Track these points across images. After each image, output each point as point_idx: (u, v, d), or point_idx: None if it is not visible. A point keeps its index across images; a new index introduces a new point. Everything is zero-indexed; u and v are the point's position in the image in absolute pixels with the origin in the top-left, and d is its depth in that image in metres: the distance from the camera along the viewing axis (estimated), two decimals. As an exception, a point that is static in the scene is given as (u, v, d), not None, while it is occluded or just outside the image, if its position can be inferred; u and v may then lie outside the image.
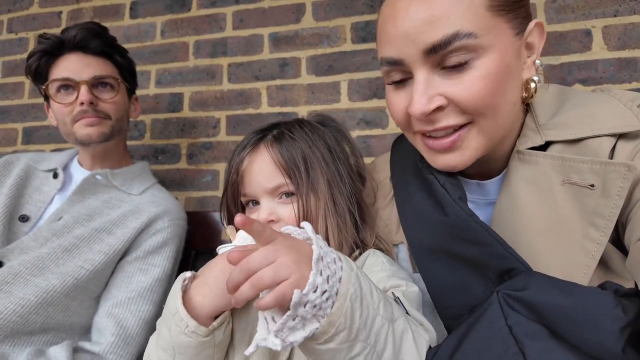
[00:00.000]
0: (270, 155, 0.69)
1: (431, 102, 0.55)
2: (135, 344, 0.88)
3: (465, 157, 0.58)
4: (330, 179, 0.70)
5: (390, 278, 0.63)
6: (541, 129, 0.60)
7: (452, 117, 0.56)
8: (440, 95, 0.55)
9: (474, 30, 0.52)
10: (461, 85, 0.54)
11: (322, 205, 0.68)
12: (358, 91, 1.24)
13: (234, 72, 1.34)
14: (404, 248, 0.72)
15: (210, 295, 0.56)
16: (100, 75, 1.00)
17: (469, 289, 0.55)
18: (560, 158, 0.56)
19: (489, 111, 0.55)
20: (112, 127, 1.03)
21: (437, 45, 0.52)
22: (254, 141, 0.72)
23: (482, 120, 0.56)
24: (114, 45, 1.07)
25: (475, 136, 0.57)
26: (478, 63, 0.53)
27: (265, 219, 0.68)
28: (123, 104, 1.07)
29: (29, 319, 0.82)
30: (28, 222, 0.98)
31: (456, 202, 0.57)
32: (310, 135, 0.73)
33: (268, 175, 0.69)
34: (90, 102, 0.98)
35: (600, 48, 1.09)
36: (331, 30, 1.28)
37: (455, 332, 0.49)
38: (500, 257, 0.52)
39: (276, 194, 0.69)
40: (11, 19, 1.59)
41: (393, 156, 0.79)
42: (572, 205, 0.55)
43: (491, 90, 0.53)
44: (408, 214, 0.68)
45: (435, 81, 0.55)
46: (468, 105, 0.54)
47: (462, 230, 0.55)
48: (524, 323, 0.44)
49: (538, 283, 0.46)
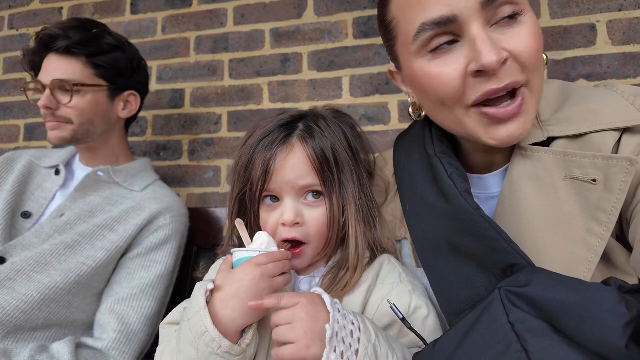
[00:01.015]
0: (306, 152, 0.66)
1: (501, 53, 0.51)
2: (137, 340, 0.89)
3: (527, 124, 0.56)
4: (356, 182, 0.68)
5: (412, 294, 0.63)
6: (543, 125, 0.60)
7: (515, 74, 0.53)
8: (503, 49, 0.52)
9: None
10: (518, 39, 0.52)
11: (352, 209, 0.66)
12: (360, 87, 1.23)
13: (235, 68, 1.34)
14: (407, 244, 0.72)
15: (242, 308, 0.54)
16: (58, 79, 0.94)
17: (472, 284, 0.55)
18: (563, 153, 0.56)
19: (540, 68, 0.55)
20: (74, 132, 0.98)
21: None
22: (283, 136, 0.67)
23: (535, 79, 0.55)
24: (88, 42, 0.96)
25: (530, 98, 0.55)
26: (525, 19, 0.53)
27: (292, 221, 0.65)
28: (91, 107, 0.98)
29: (31, 315, 0.83)
30: (30, 218, 0.98)
31: (462, 195, 0.56)
32: (336, 133, 0.69)
33: (301, 173, 0.65)
34: (47, 107, 0.94)
35: (605, 43, 1.07)
36: (333, 26, 1.27)
37: (456, 328, 0.49)
38: (503, 252, 0.52)
39: (302, 194, 0.66)
40: (12, 15, 1.58)
41: (396, 152, 0.78)
42: (575, 201, 0.55)
43: (539, 47, 0.54)
44: (413, 208, 0.67)
45: (492, 37, 0.52)
46: (528, 59, 0.53)
47: (467, 223, 0.55)
48: (526, 320, 0.43)
49: (540, 279, 0.46)
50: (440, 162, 0.62)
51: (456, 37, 0.54)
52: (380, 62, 1.22)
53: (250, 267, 0.57)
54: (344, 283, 0.64)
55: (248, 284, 0.56)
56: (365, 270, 0.67)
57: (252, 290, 0.55)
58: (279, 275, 0.60)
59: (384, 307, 0.62)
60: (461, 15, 0.52)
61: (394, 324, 0.62)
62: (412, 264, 0.71)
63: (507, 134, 0.55)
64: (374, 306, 0.64)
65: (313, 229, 0.66)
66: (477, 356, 0.44)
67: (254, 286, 0.56)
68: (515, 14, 0.52)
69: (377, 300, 0.64)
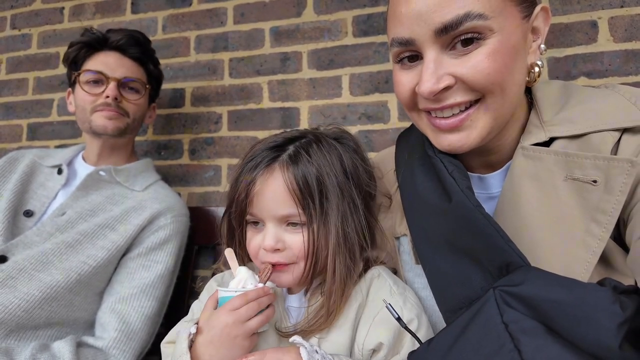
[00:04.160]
0: (285, 181, 0.63)
1: (440, 82, 0.56)
2: (137, 339, 0.90)
3: (472, 137, 0.59)
4: (344, 210, 0.66)
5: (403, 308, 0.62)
6: (545, 125, 0.60)
7: (460, 95, 0.57)
8: (449, 74, 0.56)
9: (484, 12, 0.53)
10: (469, 64, 0.55)
11: (332, 240, 0.64)
12: (359, 85, 1.23)
13: (235, 67, 1.34)
14: (406, 240, 0.72)
15: (218, 355, 0.58)
16: (130, 77, 1.08)
17: (469, 282, 0.55)
18: (564, 154, 0.56)
19: (496, 88, 0.55)
20: (128, 125, 1.08)
21: (449, 25, 0.53)
22: (267, 160, 0.66)
23: (490, 97, 0.56)
24: (150, 56, 1.16)
25: (482, 114, 0.58)
26: (486, 42, 0.54)
27: (271, 247, 0.64)
28: (143, 107, 1.14)
29: (33, 314, 0.84)
30: (32, 217, 0.99)
31: (463, 192, 0.57)
32: (328, 158, 0.67)
33: (280, 203, 0.64)
34: (115, 98, 1.04)
35: (606, 40, 1.06)
36: (332, 24, 1.27)
37: (451, 327, 0.49)
38: (500, 249, 0.52)
39: (284, 221, 0.65)
40: (14, 15, 1.59)
41: (398, 149, 0.78)
42: (575, 201, 0.55)
43: (498, 68, 0.54)
44: (413, 205, 0.68)
45: (444, 61, 0.56)
46: (476, 83, 0.55)
47: (466, 220, 0.55)
48: (519, 320, 0.43)
49: (535, 278, 0.46)
50: (441, 162, 0.62)
51: (418, 54, 0.59)
52: (379, 61, 1.22)
53: (224, 313, 0.59)
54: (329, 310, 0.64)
55: (220, 332, 0.58)
56: (355, 285, 0.67)
57: (224, 339, 0.58)
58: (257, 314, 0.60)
59: (373, 330, 0.62)
60: (418, 40, 0.56)
61: (381, 347, 0.62)
62: (411, 261, 0.71)
63: (447, 143, 0.61)
64: (365, 327, 0.63)
65: (296, 251, 0.65)
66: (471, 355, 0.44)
67: (226, 335, 0.58)
68: (473, 43, 0.54)
69: (368, 320, 0.64)
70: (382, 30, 1.23)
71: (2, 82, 1.57)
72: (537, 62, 0.60)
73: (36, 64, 1.54)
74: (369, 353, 0.62)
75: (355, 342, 0.63)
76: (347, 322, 0.64)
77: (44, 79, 1.52)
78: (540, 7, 0.59)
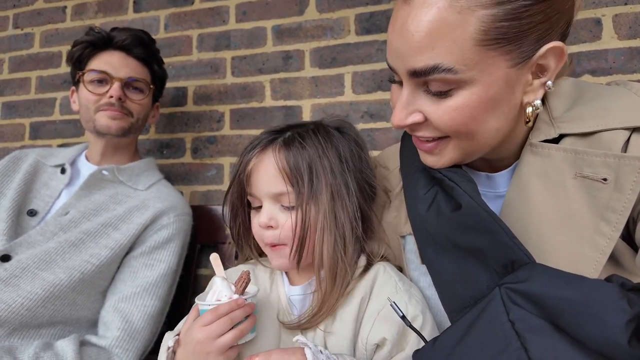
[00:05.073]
0: (275, 161, 0.67)
1: (408, 117, 0.58)
2: (140, 338, 0.89)
3: (443, 161, 0.61)
4: (335, 191, 0.68)
5: (408, 305, 0.62)
6: (555, 122, 0.59)
7: (429, 131, 0.59)
8: (420, 112, 0.57)
9: (454, 66, 0.51)
10: (438, 110, 0.55)
11: (320, 218, 0.66)
12: (362, 84, 1.22)
13: (237, 66, 1.34)
14: (411, 239, 0.71)
15: None
16: (135, 77, 1.07)
17: (474, 280, 0.55)
18: (573, 151, 0.55)
19: (462, 136, 0.57)
20: (132, 125, 1.08)
21: (418, 72, 0.54)
22: (264, 143, 0.70)
23: (457, 139, 0.58)
24: (154, 56, 1.15)
25: (451, 149, 0.60)
26: (457, 93, 0.54)
27: (265, 224, 0.67)
28: (147, 107, 1.13)
29: (36, 313, 0.84)
30: (36, 216, 0.99)
31: (467, 193, 0.57)
32: (323, 143, 0.70)
33: (271, 180, 0.67)
34: (119, 98, 1.03)
35: (611, 37, 1.05)
36: (335, 22, 1.26)
37: (456, 326, 0.49)
38: (505, 247, 0.51)
39: (278, 200, 0.68)
40: (17, 14, 1.59)
41: (403, 148, 0.78)
42: (584, 199, 0.54)
43: (464, 121, 0.55)
44: (416, 206, 0.67)
45: (418, 97, 0.57)
46: (441, 128, 0.56)
47: (471, 218, 0.55)
48: (526, 318, 0.43)
49: (541, 275, 0.46)
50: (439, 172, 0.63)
51: None
52: (382, 59, 1.21)
53: (196, 328, 0.59)
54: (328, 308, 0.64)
55: (193, 349, 0.59)
56: (360, 280, 0.67)
57: (197, 355, 0.58)
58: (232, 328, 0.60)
59: (378, 325, 0.62)
60: (398, 71, 0.58)
61: (385, 342, 0.61)
62: (416, 260, 0.71)
63: (425, 161, 0.64)
64: (369, 322, 0.63)
65: (287, 231, 0.66)
66: (477, 354, 0.44)
67: (198, 351, 0.58)
68: (444, 91, 0.54)
69: (372, 315, 0.64)
70: (385, 28, 1.21)
71: (5, 82, 1.57)
72: (534, 102, 0.57)
73: (38, 63, 1.54)
74: (372, 348, 0.62)
75: (359, 336, 0.63)
76: (350, 316, 0.64)
77: (47, 78, 1.52)
78: (549, 46, 0.53)
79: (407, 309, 0.61)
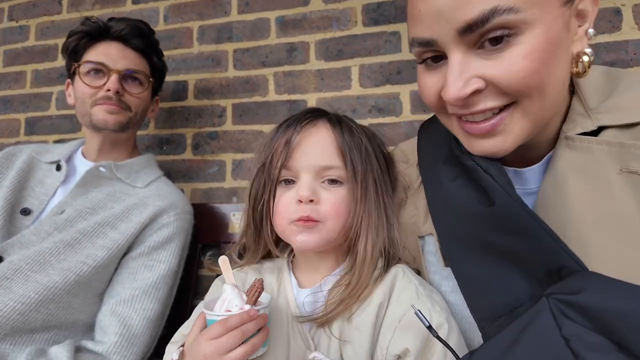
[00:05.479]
0: (332, 134, 0.65)
1: (467, 86, 0.50)
2: (139, 344, 0.86)
3: (508, 142, 0.53)
4: (380, 179, 0.67)
5: (432, 312, 0.58)
6: (592, 113, 0.54)
7: (492, 100, 0.51)
8: (478, 77, 0.50)
9: (514, 5, 0.46)
10: (501, 66, 0.48)
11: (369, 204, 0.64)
12: (370, 77, 1.18)
13: (239, 58, 1.30)
14: (432, 240, 0.67)
15: None
16: (133, 69, 1.04)
17: (509, 287, 0.50)
18: (619, 144, 0.51)
19: (534, 92, 0.50)
20: (130, 119, 1.04)
21: (474, 24, 0.47)
22: (311, 117, 0.68)
23: (527, 101, 0.50)
24: (154, 47, 1.12)
25: (519, 119, 0.52)
26: (520, 40, 0.48)
27: (307, 197, 0.62)
28: (146, 101, 1.09)
29: (29, 317, 0.80)
30: (30, 215, 0.96)
31: (503, 188, 0.52)
32: (367, 133, 0.71)
33: (323, 153, 0.64)
34: (116, 92, 1.00)
35: (631, 28, 1.02)
36: (341, 13, 1.22)
37: (496, 341, 0.44)
38: (550, 252, 0.47)
39: (321, 176, 0.65)
40: (12, 6, 1.56)
41: (420, 142, 0.74)
42: (631, 197, 0.49)
43: (536, 69, 0.48)
44: (439, 203, 0.63)
45: (471, 62, 0.50)
46: (510, 86, 0.49)
47: (508, 219, 0.50)
48: (583, 334, 0.38)
49: (597, 285, 0.41)
50: (472, 160, 0.57)
51: (442, 53, 0.53)
52: (391, 51, 1.17)
53: (203, 341, 0.55)
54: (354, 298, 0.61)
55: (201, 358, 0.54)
56: (377, 284, 0.63)
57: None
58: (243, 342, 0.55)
59: (399, 334, 0.58)
60: (440, 40, 0.51)
61: (407, 353, 0.57)
62: (437, 262, 0.66)
63: (481, 149, 0.56)
64: (389, 330, 0.59)
65: (329, 207, 0.63)
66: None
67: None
68: (504, 40, 0.48)
69: (392, 322, 0.59)
70: (394, 19, 1.18)
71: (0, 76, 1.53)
72: (585, 50, 0.53)
73: (34, 57, 1.50)
74: (393, 358, 0.58)
75: (378, 345, 0.59)
76: (368, 323, 0.60)
77: (42, 72, 1.48)
78: None
79: (430, 316, 0.56)
